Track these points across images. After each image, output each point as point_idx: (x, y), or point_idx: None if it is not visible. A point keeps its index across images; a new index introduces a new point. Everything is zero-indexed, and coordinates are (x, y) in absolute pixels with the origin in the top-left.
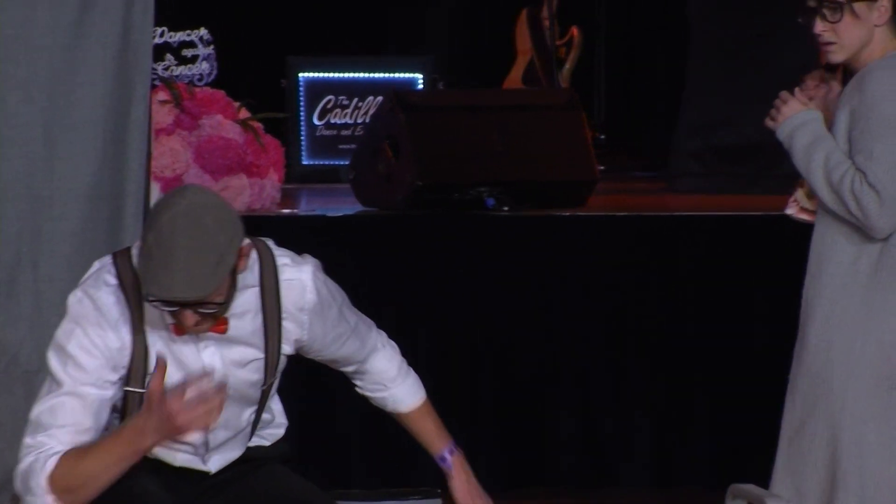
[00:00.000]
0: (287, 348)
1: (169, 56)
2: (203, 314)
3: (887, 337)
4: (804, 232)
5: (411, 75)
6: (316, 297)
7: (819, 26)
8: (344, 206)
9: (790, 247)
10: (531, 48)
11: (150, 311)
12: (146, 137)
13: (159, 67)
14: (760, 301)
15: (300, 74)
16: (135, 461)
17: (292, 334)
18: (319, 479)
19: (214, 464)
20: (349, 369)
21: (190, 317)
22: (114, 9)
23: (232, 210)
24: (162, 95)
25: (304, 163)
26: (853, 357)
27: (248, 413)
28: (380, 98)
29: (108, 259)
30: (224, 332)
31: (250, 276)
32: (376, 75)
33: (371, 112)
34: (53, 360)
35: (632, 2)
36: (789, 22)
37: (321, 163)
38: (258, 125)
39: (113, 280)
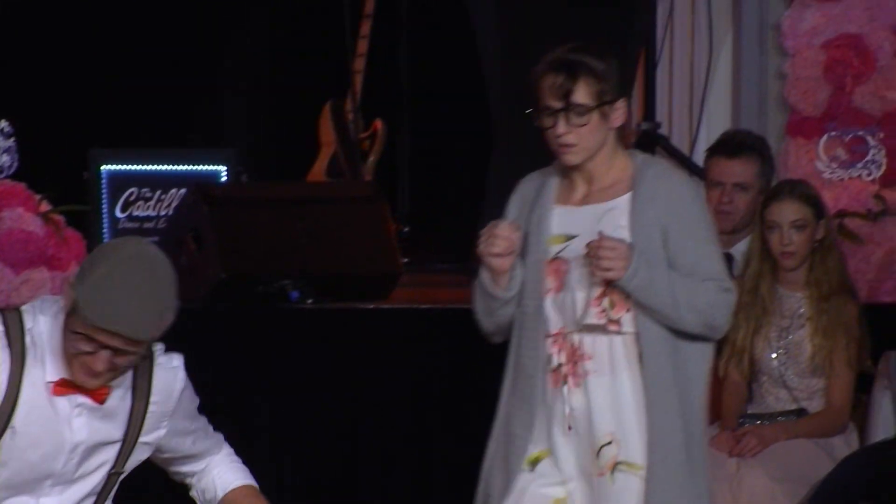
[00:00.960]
0: (146, 438)
1: None
2: (115, 363)
3: None
4: None
5: (215, 168)
6: (185, 384)
7: (562, 128)
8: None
9: None
10: (335, 140)
11: (32, 364)
12: None
13: None
14: None
15: (103, 167)
16: None
17: (155, 423)
18: None
19: None
20: (194, 467)
21: (104, 361)
22: None
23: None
24: None
25: None
26: None
27: (88, 499)
28: (183, 190)
29: None
30: (102, 402)
31: None
32: (180, 168)
33: (174, 204)
34: None
35: (436, 95)
36: None
37: None
38: (59, 218)
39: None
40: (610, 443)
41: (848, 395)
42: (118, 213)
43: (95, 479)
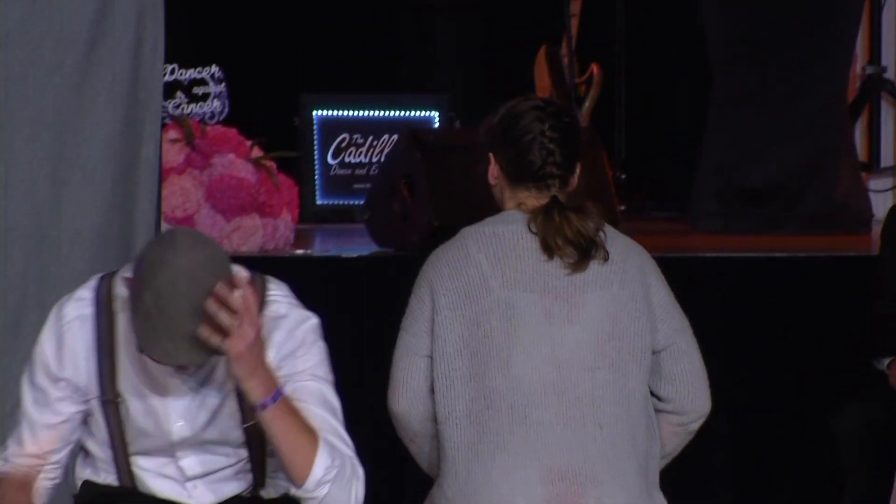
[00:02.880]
0: None
1: (180, 94)
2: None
3: None
4: (827, 274)
5: (427, 113)
6: (289, 336)
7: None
8: (359, 246)
9: (813, 289)
10: (550, 85)
11: (124, 335)
12: (156, 177)
13: (170, 105)
14: (785, 343)
15: (314, 112)
16: None
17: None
18: None
19: (202, 497)
20: None
21: (188, 370)
22: (123, 46)
23: (221, 251)
24: (173, 134)
25: (319, 202)
26: None
27: (235, 453)
28: (395, 137)
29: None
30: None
31: None
32: (392, 114)
33: (386, 151)
34: (24, 382)
35: (652, 39)
36: (809, 65)
37: (336, 202)
38: (272, 163)
39: (90, 307)
40: None
41: None
42: (330, 160)
43: (233, 436)
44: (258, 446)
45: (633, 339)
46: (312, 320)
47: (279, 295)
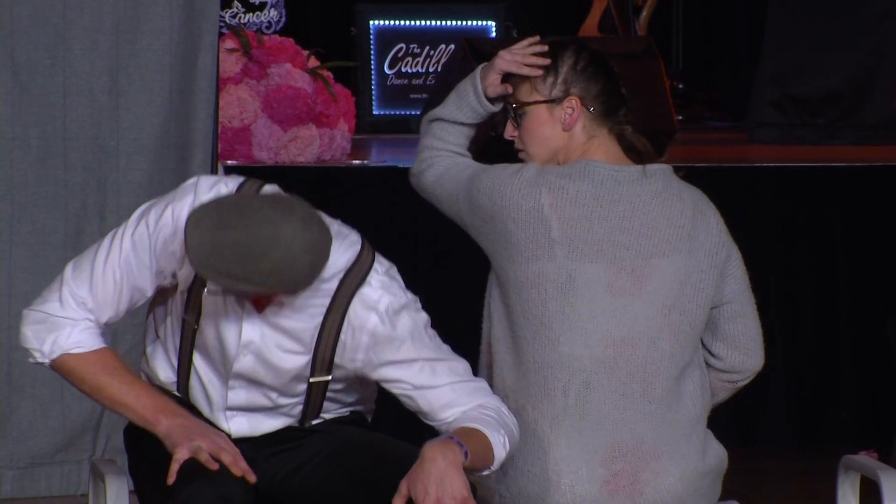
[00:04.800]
0: (340, 361)
1: (237, 4)
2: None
3: None
4: (884, 185)
5: (484, 23)
6: (381, 324)
7: (509, 130)
8: (415, 157)
9: (870, 199)
10: None
11: None
12: (214, 87)
13: (227, 15)
14: (843, 254)
15: (371, 22)
16: (127, 417)
17: (350, 353)
18: None
19: (237, 426)
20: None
21: (232, 300)
22: None
23: (328, 239)
24: (230, 44)
25: (375, 113)
26: None
27: (288, 399)
28: (452, 46)
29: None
30: (261, 311)
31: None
32: (448, 23)
33: (443, 61)
34: (113, 235)
35: None
36: None
37: (392, 113)
38: (328, 74)
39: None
40: None
41: None
42: (386, 70)
43: (292, 387)
44: (316, 398)
45: (696, 311)
46: (402, 304)
47: (377, 273)
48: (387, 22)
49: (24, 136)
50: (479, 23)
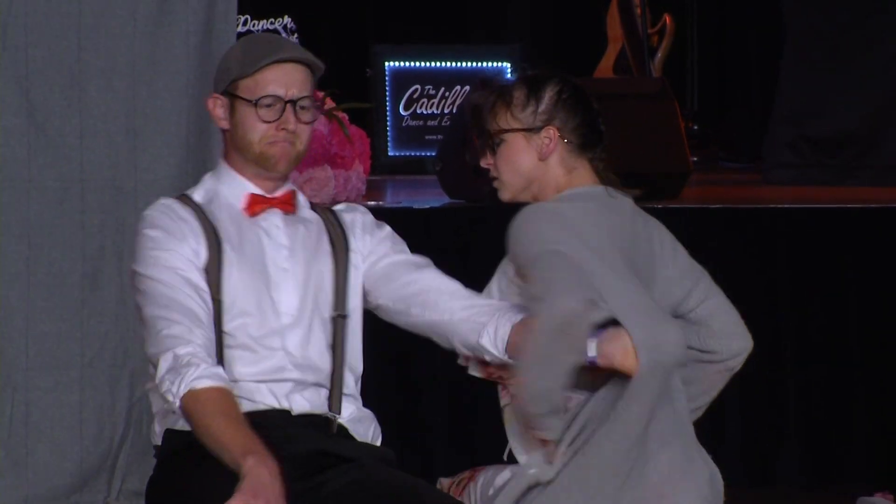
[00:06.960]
0: (357, 261)
1: None
2: (300, 118)
3: None
4: None
5: (499, 64)
6: (371, 217)
7: (486, 158)
8: (430, 198)
9: (887, 241)
10: (623, 35)
11: (218, 212)
12: None
13: None
14: (857, 295)
15: (386, 63)
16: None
17: (359, 245)
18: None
19: (297, 405)
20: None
21: (290, 115)
22: None
23: None
24: None
25: (391, 154)
26: None
27: (325, 348)
28: (467, 88)
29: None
30: (292, 210)
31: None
32: (463, 65)
33: (458, 102)
34: (142, 266)
35: None
36: (883, 11)
37: (407, 154)
38: (343, 115)
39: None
40: None
41: None
42: (402, 111)
43: (324, 316)
44: (338, 375)
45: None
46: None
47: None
48: (402, 63)
49: (41, 177)
50: (495, 64)
